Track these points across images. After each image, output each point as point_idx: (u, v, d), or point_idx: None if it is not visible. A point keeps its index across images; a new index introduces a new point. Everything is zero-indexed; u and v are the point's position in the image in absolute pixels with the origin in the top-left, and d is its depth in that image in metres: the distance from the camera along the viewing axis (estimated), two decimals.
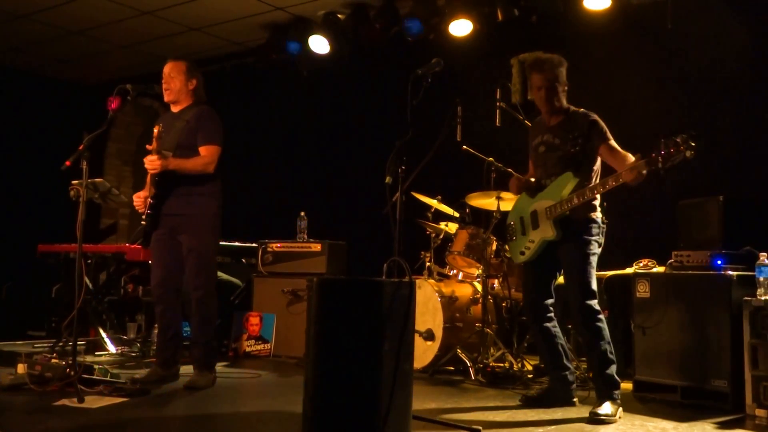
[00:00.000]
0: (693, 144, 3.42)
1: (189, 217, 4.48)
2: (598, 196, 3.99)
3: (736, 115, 5.38)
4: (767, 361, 3.79)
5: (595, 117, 4.02)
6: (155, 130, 4.37)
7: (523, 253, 4.16)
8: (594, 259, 3.97)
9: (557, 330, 4.16)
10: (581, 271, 3.92)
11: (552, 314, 4.15)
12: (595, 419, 3.66)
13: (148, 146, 4.41)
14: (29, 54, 8.70)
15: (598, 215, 4.04)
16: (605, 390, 3.83)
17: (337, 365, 2.93)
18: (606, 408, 3.72)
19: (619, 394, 3.85)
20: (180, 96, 4.61)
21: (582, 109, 4.08)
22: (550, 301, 4.15)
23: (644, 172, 3.57)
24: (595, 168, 4.03)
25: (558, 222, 3.96)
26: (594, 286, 3.93)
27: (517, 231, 4.24)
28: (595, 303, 3.91)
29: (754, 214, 4.51)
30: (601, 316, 3.91)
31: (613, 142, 3.93)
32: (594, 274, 3.96)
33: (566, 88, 4.10)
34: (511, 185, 4.30)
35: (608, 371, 3.85)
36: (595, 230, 3.99)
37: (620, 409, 3.78)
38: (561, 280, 4.35)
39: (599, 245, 4.02)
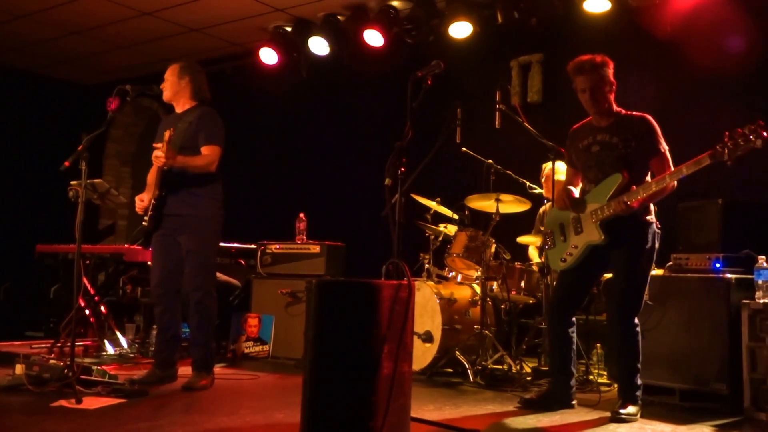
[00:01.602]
0: (764, 133, 3.39)
1: (189, 218, 4.49)
2: (651, 209, 3.94)
3: (735, 118, 5.36)
4: (766, 364, 3.80)
5: (653, 123, 3.91)
6: (166, 134, 4.37)
7: (564, 260, 4.05)
8: (648, 272, 3.91)
9: (574, 335, 4.14)
10: (635, 285, 3.87)
11: (573, 319, 4.13)
12: (617, 418, 3.73)
13: (155, 144, 4.42)
14: (29, 54, 8.70)
15: (653, 218, 3.94)
16: (629, 393, 3.87)
17: (335, 367, 2.93)
18: (629, 409, 3.79)
19: (640, 396, 3.90)
20: (174, 96, 4.65)
21: (637, 113, 3.98)
22: (578, 307, 4.14)
23: (708, 163, 3.55)
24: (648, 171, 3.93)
25: (604, 225, 3.87)
26: (641, 301, 3.90)
27: (557, 238, 4.14)
28: (637, 318, 3.89)
29: (753, 217, 4.51)
30: (639, 329, 3.90)
31: (665, 156, 3.83)
32: (646, 288, 3.92)
33: (614, 87, 3.97)
34: (565, 196, 4.07)
35: (635, 379, 3.89)
36: (651, 236, 3.88)
37: (639, 410, 3.84)
38: None
39: (656, 253, 3.93)
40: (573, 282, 4.10)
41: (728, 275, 4.07)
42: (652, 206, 3.95)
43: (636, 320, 3.90)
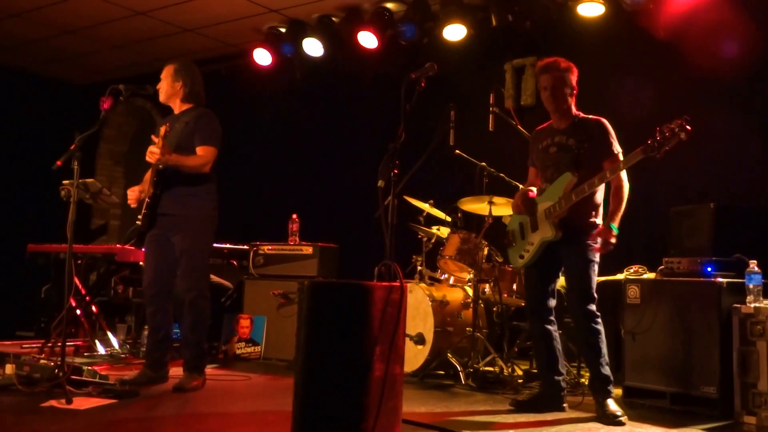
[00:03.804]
0: (688, 127, 3.56)
1: (183, 218, 4.47)
2: (600, 201, 4.06)
3: (728, 122, 5.41)
4: (756, 368, 3.81)
5: (608, 126, 4.07)
6: (162, 129, 4.39)
7: (522, 257, 4.19)
8: (596, 266, 4.02)
9: (557, 334, 4.19)
10: (583, 275, 3.98)
11: (553, 317, 4.18)
12: (614, 421, 3.74)
13: (153, 137, 4.41)
14: (22, 53, 8.67)
15: (599, 221, 4.07)
16: (603, 388, 3.92)
17: (327, 368, 2.92)
18: (613, 404, 3.84)
19: (612, 389, 3.94)
20: (170, 98, 4.66)
21: (594, 116, 4.13)
22: (553, 303, 4.18)
23: (641, 157, 3.70)
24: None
25: (557, 223, 4.00)
26: (594, 290, 4.00)
27: (517, 236, 4.28)
28: (594, 307, 3.98)
29: (745, 221, 4.53)
30: (599, 319, 3.99)
31: (617, 158, 3.95)
32: (595, 279, 4.02)
33: (575, 92, 4.13)
34: (520, 201, 4.23)
35: (604, 371, 3.94)
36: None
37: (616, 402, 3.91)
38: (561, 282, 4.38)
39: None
40: (538, 279, 4.20)
41: (719, 279, 4.08)
42: (600, 209, 4.09)
43: (596, 312, 3.97)
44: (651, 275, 4.54)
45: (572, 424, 3.76)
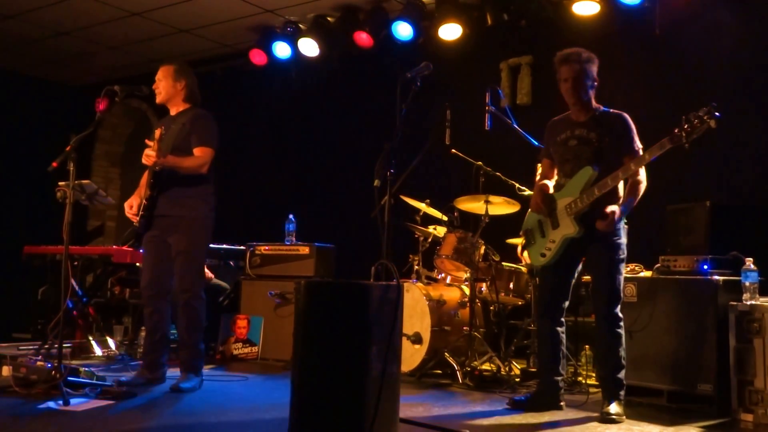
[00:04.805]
0: (717, 114, 3.49)
1: (179, 219, 4.47)
2: (621, 194, 3.98)
3: (724, 120, 5.40)
4: (752, 366, 3.82)
5: (629, 121, 3.98)
6: (157, 132, 4.38)
7: (543, 255, 4.09)
8: (623, 265, 3.98)
9: (564, 336, 4.16)
10: (611, 277, 3.91)
11: (563, 318, 4.15)
12: (607, 419, 3.75)
13: (147, 141, 4.40)
14: (17, 54, 8.65)
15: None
16: (614, 391, 3.89)
17: (324, 368, 2.93)
18: (615, 407, 3.81)
19: (623, 395, 3.91)
20: (169, 97, 4.63)
21: (615, 110, 4.04)
22: (566, 303, 4.15)
23: (668, 146, 3.62)
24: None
25: (579, 218, 3.92)
26: (621, 291, 3.96)
27: (536, 234, 4.17)
28: (619, 309, 3.93)
29: (741, 219, 4.54)
30: (622, 323, 3.94)
31: (638, 154, 3.86)
32: (622, 280, 3.97)
33: (596, 84, 4.03)
34: (539, 198, 4.11)
35: (619, 375, 3.91)
36: (621, 231, 3.96)
37: (622, 408, 3.86)
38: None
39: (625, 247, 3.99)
40: (555, 279, 4.13)
41: (716, 277, 4.09)
42: (620, 202, 4.00)
43: (620, 314, 3.93)
44: (647, 273, 4.55)
45: (570, 424, 3.77)
